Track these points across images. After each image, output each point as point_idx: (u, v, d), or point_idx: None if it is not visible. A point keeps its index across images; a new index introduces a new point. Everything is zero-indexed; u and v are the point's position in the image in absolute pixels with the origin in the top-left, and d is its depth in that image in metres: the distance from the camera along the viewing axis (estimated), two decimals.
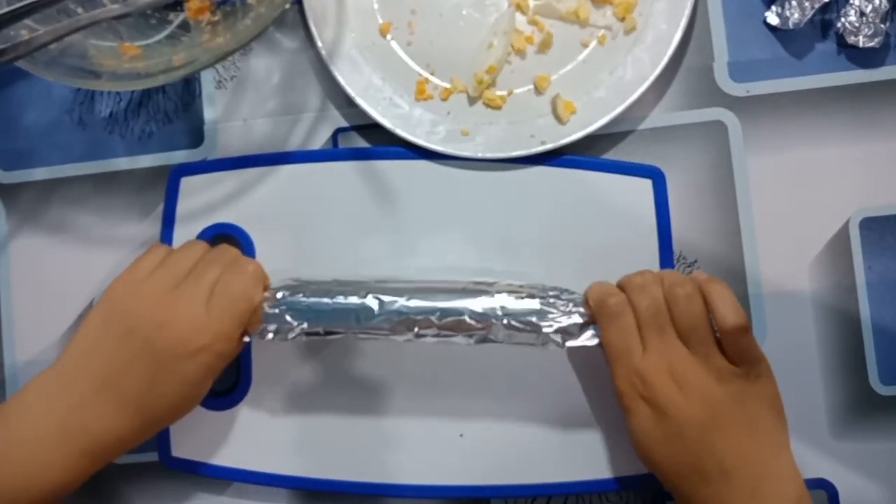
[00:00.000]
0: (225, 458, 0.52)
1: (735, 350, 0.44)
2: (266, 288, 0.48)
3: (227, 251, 0.49)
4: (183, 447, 0.52)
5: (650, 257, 0.51)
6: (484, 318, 0.46)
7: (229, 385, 0.53)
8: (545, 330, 0.46)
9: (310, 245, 0.53)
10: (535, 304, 0.46)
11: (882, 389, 0.51)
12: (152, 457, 0.53)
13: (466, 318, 0.46)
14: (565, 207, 0.52)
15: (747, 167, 0.52)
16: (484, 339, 0.46)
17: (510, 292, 0.47)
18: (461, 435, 0.52)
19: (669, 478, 0.44)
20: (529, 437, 0.51)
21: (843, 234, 0.52)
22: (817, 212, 0.52)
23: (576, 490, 0.51)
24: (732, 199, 0.52)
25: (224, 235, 0.53)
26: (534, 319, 0.46)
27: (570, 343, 0.46)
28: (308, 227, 0.53)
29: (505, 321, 0.46)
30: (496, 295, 0.46)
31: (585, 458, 0.51)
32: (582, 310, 0.46)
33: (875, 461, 0.51)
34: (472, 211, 0.52)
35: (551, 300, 0.46)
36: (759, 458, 0.43)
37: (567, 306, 0.46)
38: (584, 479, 0.51)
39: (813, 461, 0.51)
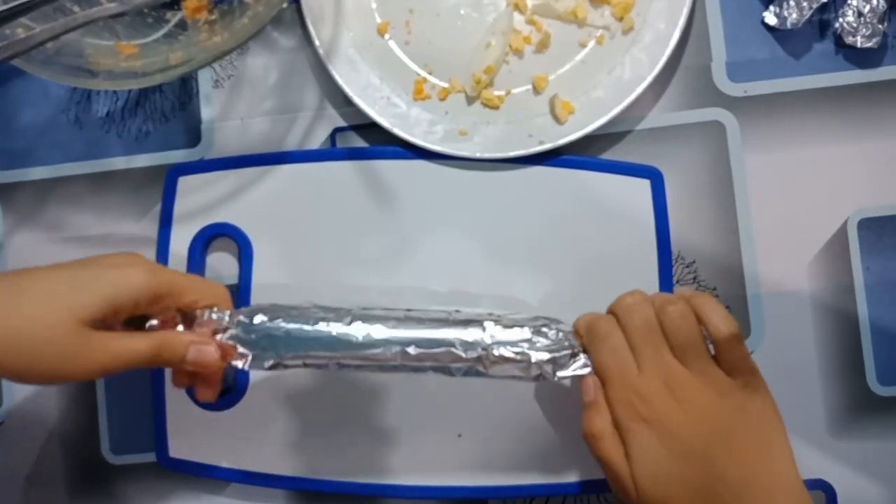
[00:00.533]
0: (222, 458, 0.52)
1: (730, 361, 0.43)
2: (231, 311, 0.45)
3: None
4: (180, 448, 0.52)
5: (648, 257, 0.51)
6: (473, 347, 0.44)
7: (226, 385, 0.53)
8: (535, 359, 0.44)
9: (307, 245, 0.53)
10: (525, 332, 0.44)
11: (880, 390, 0.51)
12: (150, 457, 0.53)
13: (454, 348, 0.44)
14: (563, 207, 0.52)
15: (745, 167, 0.52)
16: (471, 371, 0.44)
17: (497, 321, 0.45)
18: (459, 435, 0.52)
19: None
20: (528, 438, 0.51)
21: (842, 234, 0.52)
22: (815, 212, 0.52)
23: (574, 491, 0.51)
24: (731, 199, 0.52)
25: (223, 235, 0.53)
26: (525, 348, 0.44)
27: (560, 373, 0.44)
28: (306, 227, 0.53)
29: (495, 351, 0.44)
30: (485, 324, 0.44)
31: (584, 458, 0.50)
32: (572, 339, 0.45)
33: (873, 461, 0.51)
34: (469, 210, 0.52)
35: (542, 329, 0.45)
36: (768, 473, 0.42)
37: (557, 335, 0.45)
38: (583, 480, 0.51)
39: (811, 462, 0.51)
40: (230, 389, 0.52)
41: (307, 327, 0.44)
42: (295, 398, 0.52)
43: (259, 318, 0.45)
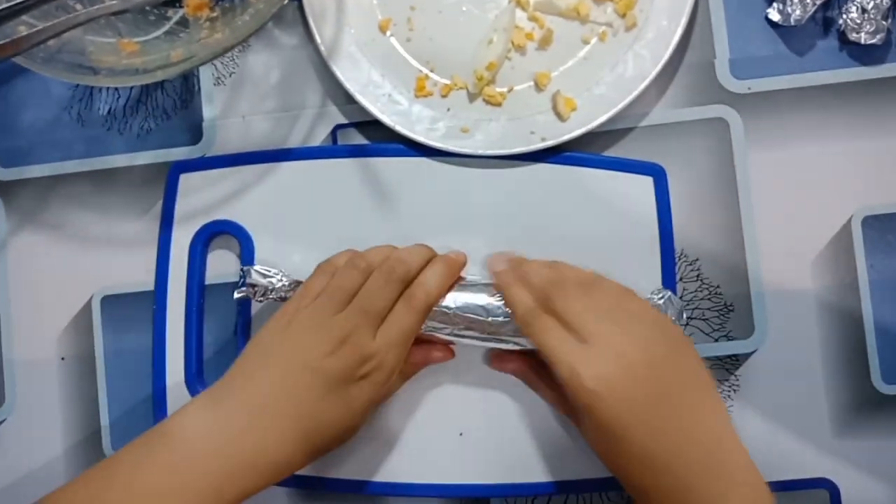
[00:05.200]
0: None
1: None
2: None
3: (399, 265, 0.47)
4: None
5: (651, 255, 0.51)
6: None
7: None
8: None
9: (309, 241, 0.53)
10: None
11: (884, 388, 0.51)
12: None
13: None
14: (565, 204, 0.52)
15: (749, 164, 0.52)
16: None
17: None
18: (461, 434, 0.51)
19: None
20: (529, 436, 0.51)
21: (846, 232, 0.51)
22: (819, 210, 0.52)
23: (576, 489, 0.51)
24: (734, 196, 0.52)
25: (224, 233, 0.53)
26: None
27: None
28: (307, 224, 0.53)
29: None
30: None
31: (586, 456, 0.50)
32: None
33: (877, 460, 0.51)
34: (471, 208, 0.52)
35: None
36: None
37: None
38: (585, 478, 0.50)
39: (815, 460, 0.51)
40: None
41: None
42: None
43: None
